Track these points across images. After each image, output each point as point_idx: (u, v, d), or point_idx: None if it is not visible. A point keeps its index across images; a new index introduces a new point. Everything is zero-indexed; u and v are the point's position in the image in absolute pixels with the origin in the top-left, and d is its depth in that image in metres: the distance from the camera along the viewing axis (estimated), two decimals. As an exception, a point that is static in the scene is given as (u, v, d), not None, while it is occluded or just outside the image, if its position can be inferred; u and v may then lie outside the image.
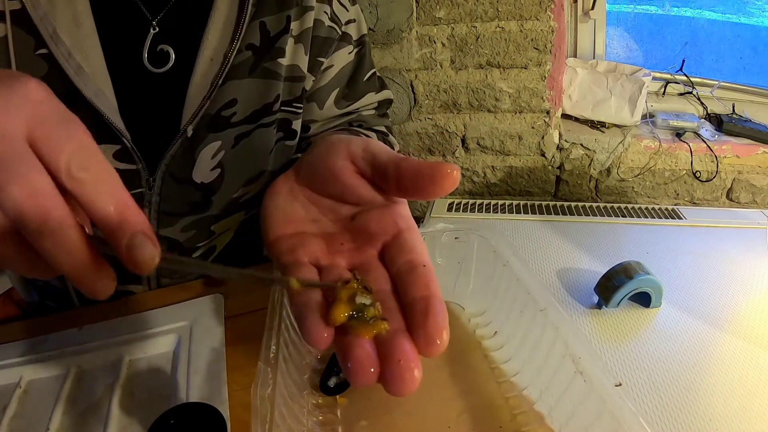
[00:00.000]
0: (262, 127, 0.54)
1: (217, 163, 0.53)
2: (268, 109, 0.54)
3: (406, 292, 0.26)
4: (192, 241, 0.59)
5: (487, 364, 0.49)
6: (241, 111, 0.52)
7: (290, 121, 0.58)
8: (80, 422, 0.46)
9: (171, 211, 0.55)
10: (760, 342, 0.64)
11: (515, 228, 1.00)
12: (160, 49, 0.48)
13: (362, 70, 0.62)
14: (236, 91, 0.51)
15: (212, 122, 0.51)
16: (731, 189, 1.36)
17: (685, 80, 1.43)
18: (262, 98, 0.53)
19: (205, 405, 0.39)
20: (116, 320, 0.56)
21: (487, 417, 0.44)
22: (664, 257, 0.85)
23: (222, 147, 0.53)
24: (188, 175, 0.53)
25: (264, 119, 0.54)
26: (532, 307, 0.46)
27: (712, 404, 0.55)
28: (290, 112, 0.57)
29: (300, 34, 0.53)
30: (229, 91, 0.50)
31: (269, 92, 0.53)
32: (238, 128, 0.53)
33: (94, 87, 0.45)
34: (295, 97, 0.56)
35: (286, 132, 0.58)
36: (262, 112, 0.54)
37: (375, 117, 0.66)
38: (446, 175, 0.26)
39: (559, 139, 1.39)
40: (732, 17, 1.51)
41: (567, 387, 0.39)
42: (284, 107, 0.56)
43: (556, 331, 0.42)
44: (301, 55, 0.54)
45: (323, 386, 0.47)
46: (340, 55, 0.59)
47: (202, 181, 0.54)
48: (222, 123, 0.51)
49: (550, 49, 1.27)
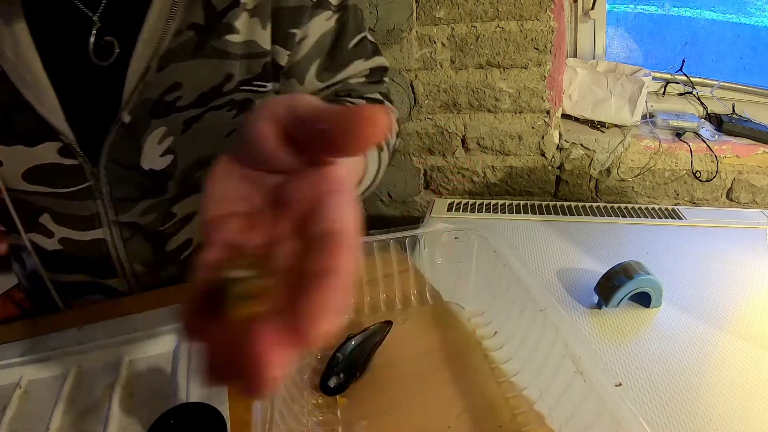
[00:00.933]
0: (213, 110, 0.52)
1: (167, 149, 0.53)
2: (217, 90, 0.52)
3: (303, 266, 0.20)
4: (153, 225, 0.58)
5: (487, 364, 0.49)
6: (188, 94, 0.51)
7: (252, 101, 0.55)
8: (80, 422, 0.46)
9: (125, 197, 0.55)
10: (760, 342, 0.64)
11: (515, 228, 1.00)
12: (104, 42, 0.48)
13: (346, 36, 0.57)
14: (180, 74, 0.49)
15: (155, 108, 0.50)
16: (731, 189, 1.36)
17: (685, 80, 1.43)
18: (209, 80, 0.51)
19: (205, 405, 0.39)
20: (116, 320, 0.56)
21: (487, 417, 0.44)
22: (664, 257, 0.85)
23: (169, 133, 0.52)
24: (135, 162, 0.52)
25: (214, 102, 0.52)
26: (532, 307, 0.46)
27: (712, 404, 0.55)
28: (251, 92, 0.54)
29: (255, 7, 0.50)
30: (172, 75, 0.49)
31: (217, 73, 0.51)
32: (186, 113, 0.51)
33: (36, 94, 0.47)
34: (255, 74, 0.54)
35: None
36: (212, 94, 0.52)
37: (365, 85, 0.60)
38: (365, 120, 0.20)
39: (559, 139, 1.39)
40: (732, 17, 1.51)
41: (567, 387, 0.39)
42: (243, 86, 0.53)
43: (556, 331, 0.42)
44: (259, 29, 0.51)
45: (323, 386, 0.47)
46: (316, 23, 0.55)
47: (151, 168, 0.53)
48: (166, 108, 0.50)
49: (550, 49, 1.27)
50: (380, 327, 0.53)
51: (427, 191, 1.56)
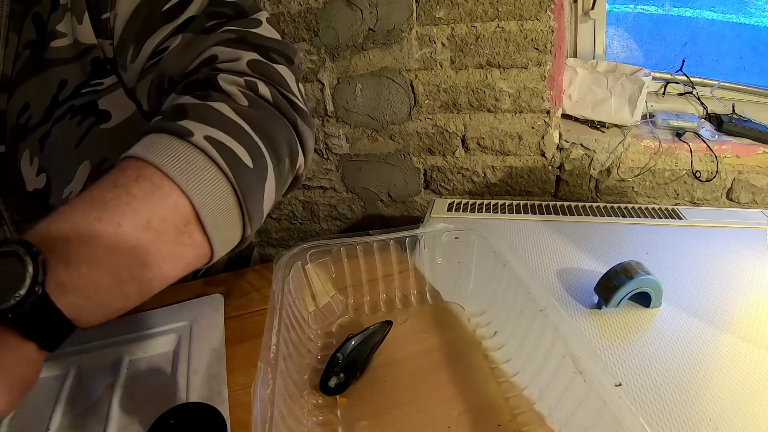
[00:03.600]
0: (57, 121, 0.52)
1: (38, 169, 0.54)
2: (55, 101, 0.51)
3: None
4: None
5: (487, 364, 0.49)
6: (36, 113, 0.51)
7: (95, 102, 0.52)
8: (80, 422, 0.46)
9: (24, 219, 0.57)
10: (760, 342, 0.64)
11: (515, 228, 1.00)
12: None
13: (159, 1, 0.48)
14: (26, 94, 0.50)
15: (15, 133, 0.51)
16: (731, 189, 1.35)
17: (685, 80, 1.43)
18: (48, 91, 0.51)
19: (205, 405, 0.39)
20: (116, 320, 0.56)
21: (487, 417, 0.44)
22: (664, 257, 0.85)
23: (32, 153, 0.53)
24: (22, 186, 0.54)
25: (56, 113, 0.52)
26: (532, 307, 0.46)
27: (712, 404, 0.55)
28: (91, 93, 0.52)
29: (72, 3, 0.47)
30: (20, 97, 0.50)
31: (51, 83, 0.50)
32: (38, 131, 0.52)
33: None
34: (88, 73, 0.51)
35: (96, 115, 0.53)
36: (53, 105, 0.51)
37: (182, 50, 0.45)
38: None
39: (559, 139, 1.39)
40: (732, 17, 1.51)
41: (567, 387, 0.39)
42: (83, 90, 0.51)
43: (556, 331, 0.42)
44: (76, 26, 0.48)
45: (323, 386, 0.47)
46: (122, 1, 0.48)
47: (35, 188, 0.54)
48: (22, 131, 0.51)
49: (550, 49, 1.27)
50: (380, 327, 0.53)
51: (427, 191, 1.56)
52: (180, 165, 0.35)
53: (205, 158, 0.36)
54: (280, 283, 0.50)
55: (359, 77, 1.41)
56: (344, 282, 0.58)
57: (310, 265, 0.56)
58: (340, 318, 0.57)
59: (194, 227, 0.36)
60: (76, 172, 0.54)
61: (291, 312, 0.50)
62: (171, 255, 0.35)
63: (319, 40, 1.37)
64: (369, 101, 1.43)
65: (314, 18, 1.35)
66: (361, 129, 1.48)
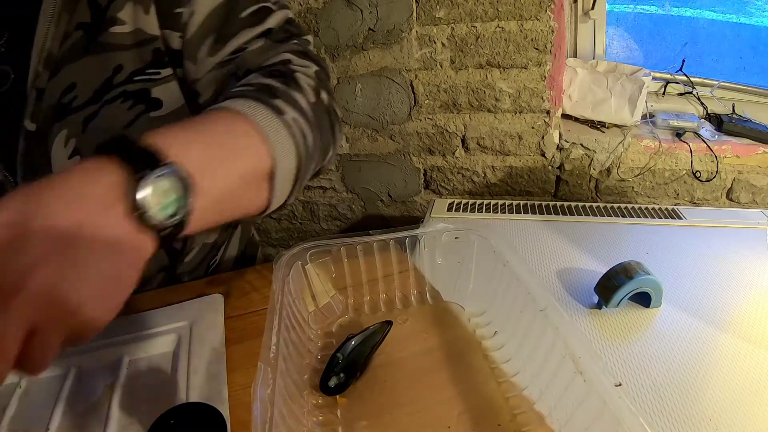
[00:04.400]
0: (107, 104, 0.53)
1: (73, 151, 0.54)
2: (109, 84, 0.52)
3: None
4: None
5: (487, 364, 0.49)
6: (83, 93, 0.52)
7: (148, 90, 0.55)
8: (80, 422, 0.46)
9: None
10: (760, 342, 0.64)
11: (515, 228, 1.00)
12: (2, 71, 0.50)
13: (237, 6, 0.54)
14: (73, 74, 0.50)
15: (54, 113, 0.51)
16: (731, 189, 1.36)
17: (685, 80, 1.43)
18: (101, 74, 0.52)
19: (205, 405, 0.39)
20: (116, 320, 0.56)
21: (487, 417, 0.44)
22: (664, 257, 0.85)
23: (71, 134, 0.53)
24: (47, 170, 0.53)
25: (108, 95, 0.53)
26: (532, 307, 0.46)
27: (712, 404, 0.55)
28: (145, 81, 0.54)
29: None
30: (66, 77, 0.50)
31: (107, 66, 0.52)
32: (82, 111, 0.52)
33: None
34: (147, 62, 0.53)
35: (147, 103, 0.55)
36: (104, 88, 0.52)
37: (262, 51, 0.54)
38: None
39: (559, 139, 1.39)
40: (732, 17, 1.51)
41: (567, 387, 0.39)
42: (137, 77, 0.53)
43: (556, 331, 0.42)
44: (141, 16, 0.51)
45: (323, 386, 0.47)
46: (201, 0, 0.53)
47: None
48: (63, 110, 0.52)
49: (550, 49, 1.27)
50: (380, 327, 0.53)
51: (427, 191, 1.56)
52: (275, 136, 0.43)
53: (288, 134, 0.44)
54: (280, 283, 0.50)
55: (359, 77, 1.41)
56: (344, 282, 0.58)
57: (310, 265, 0.56)
58: (340, 318, 0.57)
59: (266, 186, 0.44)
60: None
61: (291, 312, 0.50)
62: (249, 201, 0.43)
63: (319, 40, 1.37)
64: (369, 101, 1.43)
65: (314, 18, 1.35)
66: (361, 129, 1.48)
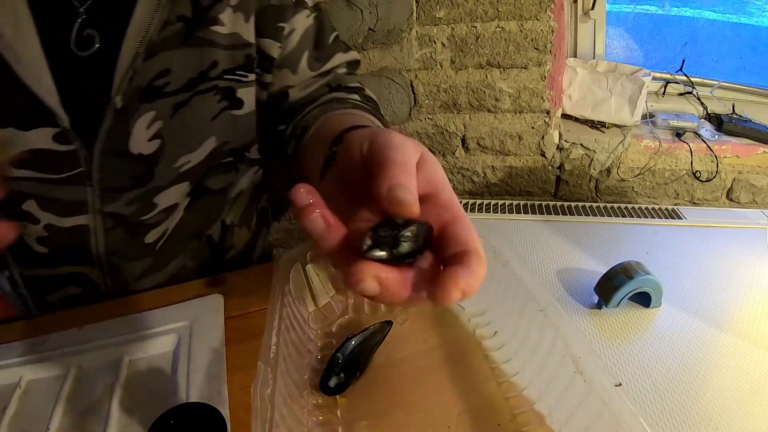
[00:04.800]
0: (199, 94, 0.56)
1: (155, 134, 0.55)
2: (204, 76, 0.55)
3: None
4: (137, 215, 0.59)
5: (487, 364, 0.49)
6: (176, 80, 0.54)
7: (233, 89, 0.59)
8: (80, 422, 0.46)
9: (114, 186, 0.56)
10: (760, 342, 0.64)
11: (515, 228, 1.00)
12: (86, 34, 0.50)
13: (326, 32, 0.64)
14: (169, 61, 0.52)
15: (144, 93, 0.52)
16: (731, 189, 1.36)
17: (685, 80, 1.43)
18: (197, 66, 0.54)
19: (205, 405, 0.39)
20: (116, 320, 0.56)
21: (487, 417, 0.44)
22: (664, 257, 0.85)
23: (158, 117, 0.54)
24: (125, 148, 0.54)
25: (201, 86, 0.55)
26: (532, 307, 0.46)
27: (712, 404, 0.55)
28: (233, 81, 0.58)
29: (240, 3, 0.55)
30: (161, 62, 0.52)
31: (204, 60, 0.54)
32: (173, 97, 0.54)
33: (34, 74, 0.48)
34: (238, 65, 0.57)
35: (231, 101, 0.59)
36: (199, 79, 0.55)
37: (347, 75, 0.68)
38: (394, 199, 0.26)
39: (559, 139, 1.39)
40: (732, 17, 1.51)
41: (567, 387, 0.39)
42: (227, 75, 0.57)
43: (556, 331, 0.42)
44: (241, 23, 0.55)
45: (323, 386, 0.47)
46: (299, 19, 0.60)
47: (140, 152, 0.55)
48: (154, 93, 0.53)
49: (550, 49, 1.27)
50: (380, 327, 0.53)
51: (427, 191, 1.56)
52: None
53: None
54: (280, 283, 0.50)
55: (359, 77, 1.40)
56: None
57: (310, 265, 0.56)
58: (340, 318, 0.57)
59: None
60: (202, 144, 0.59)
61: (291, 312, 0.50)
62: None
63: (319, 40, 1.37)
64: (369, 101, 1.43)
65: (314, 18, 1.35)
66: (361, 129, 1.48)
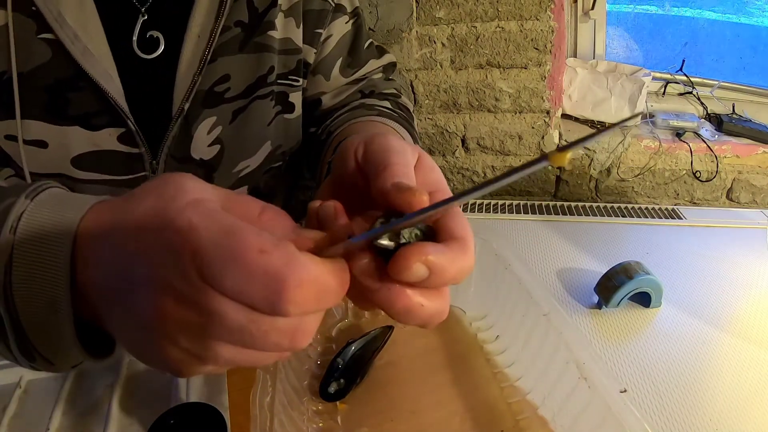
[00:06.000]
0: (258, 99, 0.56)
1: (215, 139, 0.55)
2: (262, 81, 0.55)
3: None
4: None
5: (489, 368, 0.49)
6: (236, 86, 0.54)
7: (287, 94, 0.60)
8: (80, 422, 0.46)
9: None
10: (760, 342, 0.64)
11: (515, 228, 0.99)
12: (149, 36, 0.49)
13: (361, 38, 0.64)
14: (228, 66, 0.52)
15: (206, 99, 0.52)
16: (731, 189, 1.36)
17: (685, 80, 1.43)
18: (255, 71, 0.55)
19: (205, 405, 0.39)
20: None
21: (489, 422, 0.43)
22: (664, 257, 0.85)
23: (218, 122, 0.54)
24: (187, 152, 0.54)
25: (260, 91, 0.56)
26: (534, 311, 0.46)
27: (713, 404, 0.55)
28: (287, 85, 0.59)
29: (290, 8, 0.56)
30: (221, 68, 0.52)
31: (262, 65, 0.55)
32: (233, 103, 0.54)
33: (101, 69, 0.46)
34: (290, 69, 0.58)
35: (284, 105, 0.60)
36: (257, 84, 0.55)
37: (383, 81, 0.68)
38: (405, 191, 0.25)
39: (559, 139, 1.39)
40: (732, 17, 1.51)
41: (571, 392, 0.39)
42: (280, 80, 0.58)
43: (559, 336, 0.42)
44: (293, 27, 0.56)
45: (323, 392, 0.47)
46: (337, 25, 0.61)
47: (201, 157, 0.55)
48: (215, 99, 0.53)
49: (550, 49, 1.27)
50: (381, 332, 0.53)
51: (426, 191, 1.55)
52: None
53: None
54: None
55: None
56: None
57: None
58: (339, 322, 0.57)
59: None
60: (260, 149, 0.60)
61: (292, 314, 0.50)
62: None
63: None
64: (369, 100, 1.43)
65: (314, 17, 1.34)
66: (361, 128, 1.48)
